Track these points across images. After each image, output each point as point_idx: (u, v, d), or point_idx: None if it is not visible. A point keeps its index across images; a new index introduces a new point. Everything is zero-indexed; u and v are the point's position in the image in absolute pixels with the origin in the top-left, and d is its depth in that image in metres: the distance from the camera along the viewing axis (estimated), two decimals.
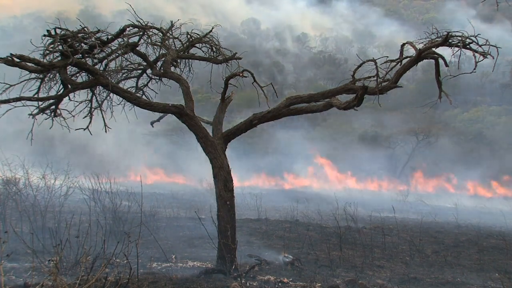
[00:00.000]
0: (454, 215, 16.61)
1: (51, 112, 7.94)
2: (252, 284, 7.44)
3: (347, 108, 7.58)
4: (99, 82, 7.58)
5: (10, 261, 7.71)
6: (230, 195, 8.02)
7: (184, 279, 7.51)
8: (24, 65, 6.78)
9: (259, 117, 8.17)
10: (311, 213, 16.87)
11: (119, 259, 7.25)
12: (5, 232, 5.72)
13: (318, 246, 10.87)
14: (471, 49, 6.96)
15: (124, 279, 6.12)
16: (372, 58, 7.51)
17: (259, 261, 8.75)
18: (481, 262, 9.86)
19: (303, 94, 8.24)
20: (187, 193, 25.68)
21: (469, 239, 12.65)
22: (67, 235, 7.27)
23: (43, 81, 7.52)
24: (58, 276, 4.80)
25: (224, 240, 7.75)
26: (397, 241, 11.98)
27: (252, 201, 17.15)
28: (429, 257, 10.38)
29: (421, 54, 7.19)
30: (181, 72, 9.27)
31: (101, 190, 11.50)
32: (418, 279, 8.28)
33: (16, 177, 11.35)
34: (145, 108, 8.01)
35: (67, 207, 11.87)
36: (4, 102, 6.86)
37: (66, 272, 7.39)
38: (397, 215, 14.03)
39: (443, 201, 27.27)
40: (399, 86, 7.49)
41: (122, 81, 9.01)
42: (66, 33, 7.11)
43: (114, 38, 7.62)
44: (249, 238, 11.67)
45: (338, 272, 8.65)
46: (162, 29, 8.72)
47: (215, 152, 8.02)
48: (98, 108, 8.67)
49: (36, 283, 6.20)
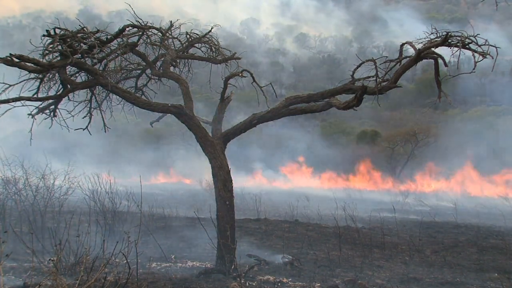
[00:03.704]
0: (454, 215, 16.61)
1: (50, 112, 7.95)
2: (251, 284, 7.45)
3: (346, 108, 7.58)
4: (98, 82, 7.59)
5: (9, 261, 7.69)
6: (229, 195, 8.02)
7: (184, 279, 7.51)
8: (23, 65, 6.78)
9: (258, 117, 8.17)
10: (310, 213, 16.87)
11: (118, 259, 7.24)
12: (5, 232, 5.72)
13: (318, 246, 10.87)
14: (471, 49, 6.95)
15: (123, 279, 6.12)
16: (372, 58, 7.51)
17: (258, 261, 8.75)
18: (481, 262, 9.86)
19: (303, 94, 8.23)
20: (186, 193, 25.70)
21: (469, 239, 12.65)
22: (66, 235, 7.27)
23: (43, 81, 7.53)
24: (57, 276, 4.80)
25: (224, 240, 7.76)
26: (396, 241, 11.98)
27: (252, 201, 17.15)
28: (428, 257, 10.38)
29: (420, 54, 7.19)
30: (180, 72, 9.28)
31: (100, 190, 11.49)
32: (417, 279, 8.28)
33: (15, 177, 11.34)
34: (145, 108, 8.02)
35: (67, 207, 11.86)
36: (4, 102, 6.87)
37: (65, 272, 7.39)
38: (396, 215, 14.03)
39: (442, 201, 27.26)
40: (398, 86, 7.49)
41: (121, 81, 9.01)
42: (66, 33, 7.12)
43: (114, 38, 7.63)
44: (249, 238, 11.67)
45: (337, 272, 8.65)
46: (162, 29, 8.73)
47: (214, 152, 8.02)
48: (97, 108, 8.68)
49: (35, 283, 6.20)
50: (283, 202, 20.07)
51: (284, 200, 20.74)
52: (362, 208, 17.66)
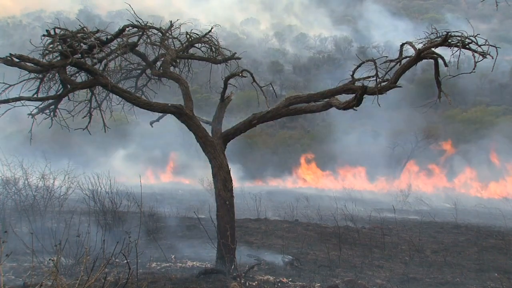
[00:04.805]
0: (454, 215, 16.62)
1: (50, 112, 7.95)
2: (251, 284, 7.44)
3: (346, 108, 7.58)
4: (98, 82, 7.58)
5: (9, 261, 7.71)
6: (229, 195, 8.02)
7: (184, 279, 7.51)
8: (23, 65, 6.79)
9: (258, 117, 8.17)
10: (310, 213, 16.87)
11: (118, 259, 7.24)
12: (5, 232, 5.72)
13: (318, 246, 10.87)
14: (471, 49, 6.95)
15: (123, 279, 6.12)
16: (372, 58, 7.51)
17: (258, 261, 8.75)
18: (481, 262, 9.86)
19: (303, 94, 8.23)
20: (186, 193, 25.68)
21: (469, 239, 12.65)
22: (66, 235, 7.27)
23: (43, 81, 7.53)
24: (57, 276, 4.80)
25: (224, 240, 7.75)
26: (396, 241, 11.98)
27: (252, 201, 17.14)
28: (428, 257, 10.38)
29: (420, 54, 7.19)
30: (180, 72, 9.28)
31: (100, 190, 11.49)
32: (417, 279, 8.28)
33: (15, 177, 11.34)
34: (145, 108, 8.02)
35: (67, 207, 11.86)
36: (4, 102, 6.87)
37: (65, 272, 7.39)
38: (396, 215, 14.03)
39: (442, 201, 27.27)
40: (398, 86, 7.49)
41: (121, 81, 9.02)
42: (66, 33, 7.12)
43: (114, 38, 7.63)
44: (249, 238, 11.67)
45: (337, 272, 8.65)
46: (162, 29, 8.72)
47: (214, 152, 8.03)
48: (97, 108, 8.68)
49: (35, 283, 6.20)
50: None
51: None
52: (362, 208, 17.67)
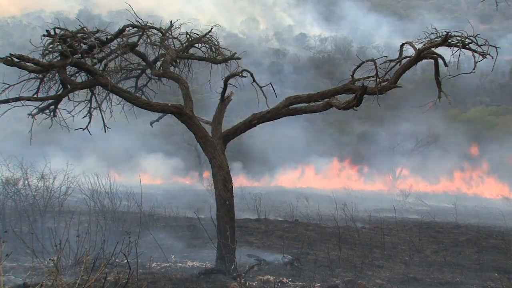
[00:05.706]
0: (454, 215, 16.62)
1: (50, 112, 7.94)
2: (251, 284, 7.44)
3: (346, 108, 7.57)
4: (98, 82, 7.58)
5: (9, 261, 7.70)
6: (229, 195, 8.02)
7: (184, 279, 7.51)
8: (23, 65, 6.79)
9: (258, 117, 8.17)
10: (310, 213, 16.87)
11: (118, 259, 7.24)
12: (5, 232, 5.71)
13: (318, 246, 10.87)
14: (471, 49, 6.95)
15: (123, 279, 6.12)
16: (372, 58, 7.50)
17: (258, 261, 8.75)
18: (481, 262, 9.87)
19: (303, 94, 8.21)
20: (186, 193, 25.67)
21: (469, 239, 12.65)
22: (66, 235, 7.27)
23: (43, 81, 7.53)
24: (57, 276, 4.80)
25: (224, 240, 7.75)
26: (396, 241, 11.98)
27: (252, 201, 17.15)
28: (428, 257, 10.38)
29: (420, 54, 7.19)
30: (180, 72, 9.27)
31: (100, 190, 11.50)
32: (417, 279, 8.28)
33: (15, 177, 11.33)
34: (145, 108, 8.01)
35: (67, 207, 11.86)
36: (4, 102, 6.87)
37: (65, 272, 7.39)
38: (396, 215, 14.03)
39: (442, 201, 27.28)
40: (398, 86, 7.49)
41: (121, 81, 9.01)
42: (66, 33, 7.12)
43: (114, 38, 7.63)
44: (249, 238, 11.67)
45: (337, 272, 8.65)
46: (162, 29, 8.72)
47: (214, 152, 8.02)
48: (97, 108, 8.68)
49: (35, 283, 6.19)
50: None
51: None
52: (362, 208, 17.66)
